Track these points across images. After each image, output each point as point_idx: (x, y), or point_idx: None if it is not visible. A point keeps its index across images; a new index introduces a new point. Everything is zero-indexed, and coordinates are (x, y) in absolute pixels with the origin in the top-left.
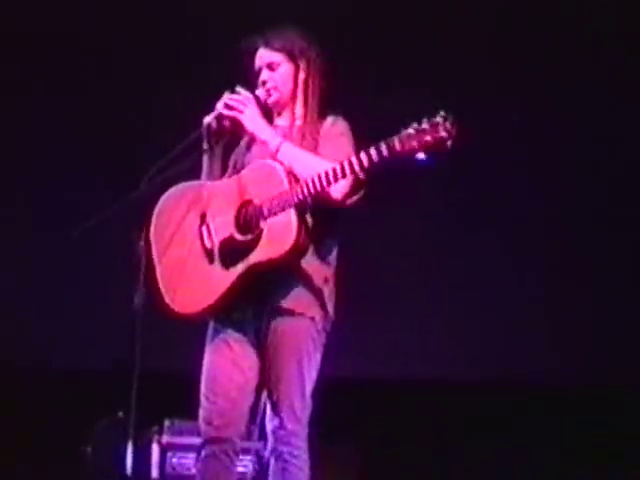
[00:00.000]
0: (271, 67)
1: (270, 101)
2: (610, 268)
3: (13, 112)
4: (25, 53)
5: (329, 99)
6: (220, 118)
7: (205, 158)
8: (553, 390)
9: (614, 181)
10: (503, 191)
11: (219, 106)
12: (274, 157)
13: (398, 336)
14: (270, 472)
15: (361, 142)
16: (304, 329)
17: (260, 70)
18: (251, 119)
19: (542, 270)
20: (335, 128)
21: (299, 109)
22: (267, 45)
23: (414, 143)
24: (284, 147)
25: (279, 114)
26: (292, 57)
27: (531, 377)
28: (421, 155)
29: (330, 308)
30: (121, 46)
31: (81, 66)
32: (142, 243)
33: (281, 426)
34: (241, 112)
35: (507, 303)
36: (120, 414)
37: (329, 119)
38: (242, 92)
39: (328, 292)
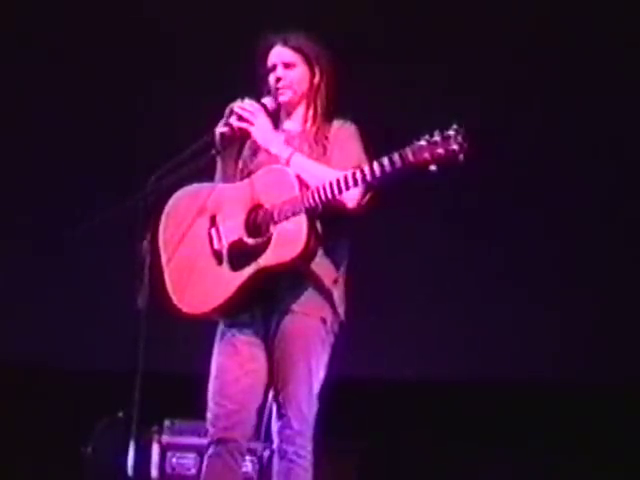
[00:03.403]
0: (287, 66)
1: (282, 100)
2: (610, 268)
3: (13, 112)
4: (25, 52)
5: (337, 104)
6: (231, 126)
7: (219, 161)
8: (553, 390)
9: (613, 181)
10: (503, 192)
11: (227, 114)
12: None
13: (398, 337)
14: (274, 472)
15: (369, 144)
16: (313, 329)
17: (274, 67)
18: (261, 131)
19: (542, 271)
20: (344, 132)
21: (310, 113)
22: (286, 44)
23: (426, 155)
24: (295, 159)
25: (288, 114)
26: (308, 61)
27: (531, 377)
28: (433, 167)
29: (340, 309)
30: (122, 46)
31: (82, 65)
32: (146, 243)
33: (288, 426)
34: (251, 124)
35: (507, 304)
36: (120, 414)
37: (337, 123)
38: (251, 103)
39: (338, 293)
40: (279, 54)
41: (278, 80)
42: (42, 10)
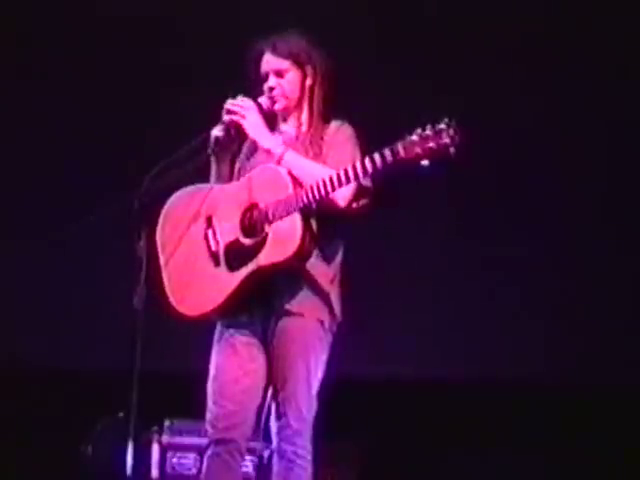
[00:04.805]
0: (279, 74)
1: (277, 108)
2: (611, 268)
3: (13, 111)
4: (26, 52)
5: (333, 103)
6: (226, 127)
7: (213, 162)
8: (553, 390)
9: (613, 181)
10: (503, 192)
11: (224, 114)
12: (278, 164)
13: (397, 336)
14: (274, 471)
15: (366, 146)
16: (311, 329)
17: (266, 75)
18: (253, 126)
19: (542, 270)
20: (340, 134)
21: (304, 115)
22: (274, 51)
23: (418, 149)
24: (287, 155)
25: (284, 119)
26: (299, 63)
27: (530, 377)
28: (425, 162)
29: (337, 309)
30: (122, 46)
31: (82, 65)
32: (142, 243)
33: (286, 425)
34: (243, 117)
35: (507, 304)
36: (120, 414)
37: (334, 124)
38: (243, 99)
39: (334, 293)
40: (269, 63)
41: (271, 89)
42: (43, 8)
